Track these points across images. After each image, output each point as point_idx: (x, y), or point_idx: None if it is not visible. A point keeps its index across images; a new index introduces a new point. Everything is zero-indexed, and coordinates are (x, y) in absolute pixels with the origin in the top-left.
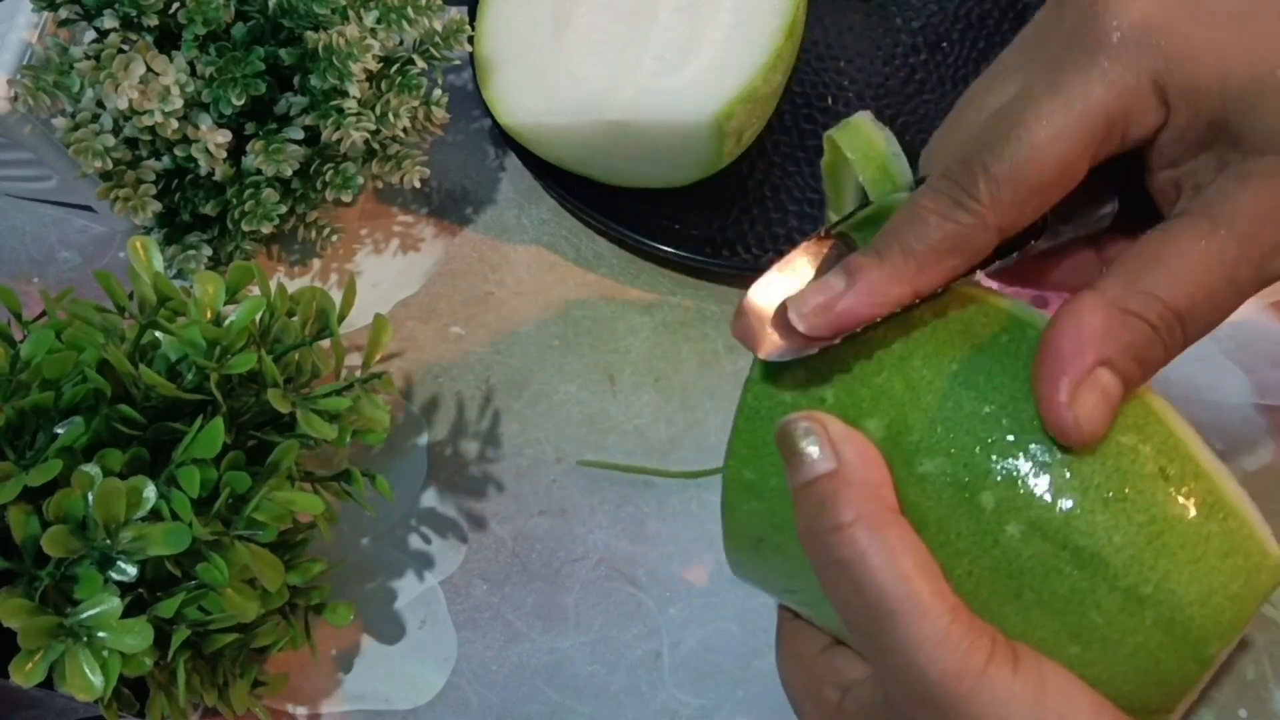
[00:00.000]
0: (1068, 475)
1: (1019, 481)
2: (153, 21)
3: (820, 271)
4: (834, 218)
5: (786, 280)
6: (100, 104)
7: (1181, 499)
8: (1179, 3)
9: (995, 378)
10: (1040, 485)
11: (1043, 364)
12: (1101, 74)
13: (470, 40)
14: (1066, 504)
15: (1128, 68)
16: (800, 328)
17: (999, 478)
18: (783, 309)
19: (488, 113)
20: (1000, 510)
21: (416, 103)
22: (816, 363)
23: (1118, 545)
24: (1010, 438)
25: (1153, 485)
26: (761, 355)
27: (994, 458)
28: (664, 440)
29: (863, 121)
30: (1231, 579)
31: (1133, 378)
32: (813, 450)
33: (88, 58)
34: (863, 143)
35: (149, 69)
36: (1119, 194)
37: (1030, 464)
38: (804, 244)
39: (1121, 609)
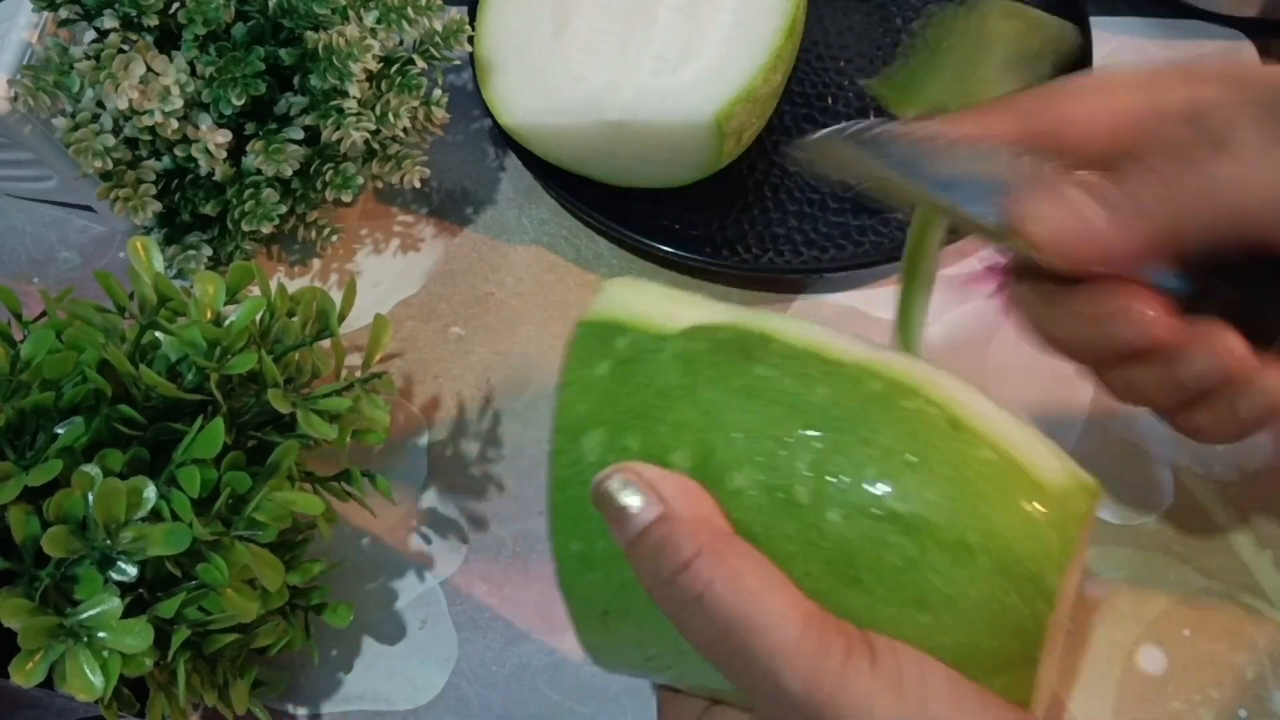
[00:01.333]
0: (868, 449)
1: (825, 468)
2: (153, 21)
3: None
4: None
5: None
6: (100, 104)
7: (977, 445)
8: None
9: (776, 381)
10: (845, 465)
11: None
12: None
13: (470, 40)
14: (874, 475)
15: None
16: (1039, 248)
17: (806, 471)
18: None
19: (488, 113)
20: (816, 502)
21: (416, 103)
22: (612, 417)
23: (933, 502)
24: (804, 431)
25: (947, 439)
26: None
27: (796, 453)
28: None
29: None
30: (1048, 508)
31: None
32: (635, 500)
33: (88, 58)
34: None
35: (149, 69)
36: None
37: (829, 449)
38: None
39: (955, 563)
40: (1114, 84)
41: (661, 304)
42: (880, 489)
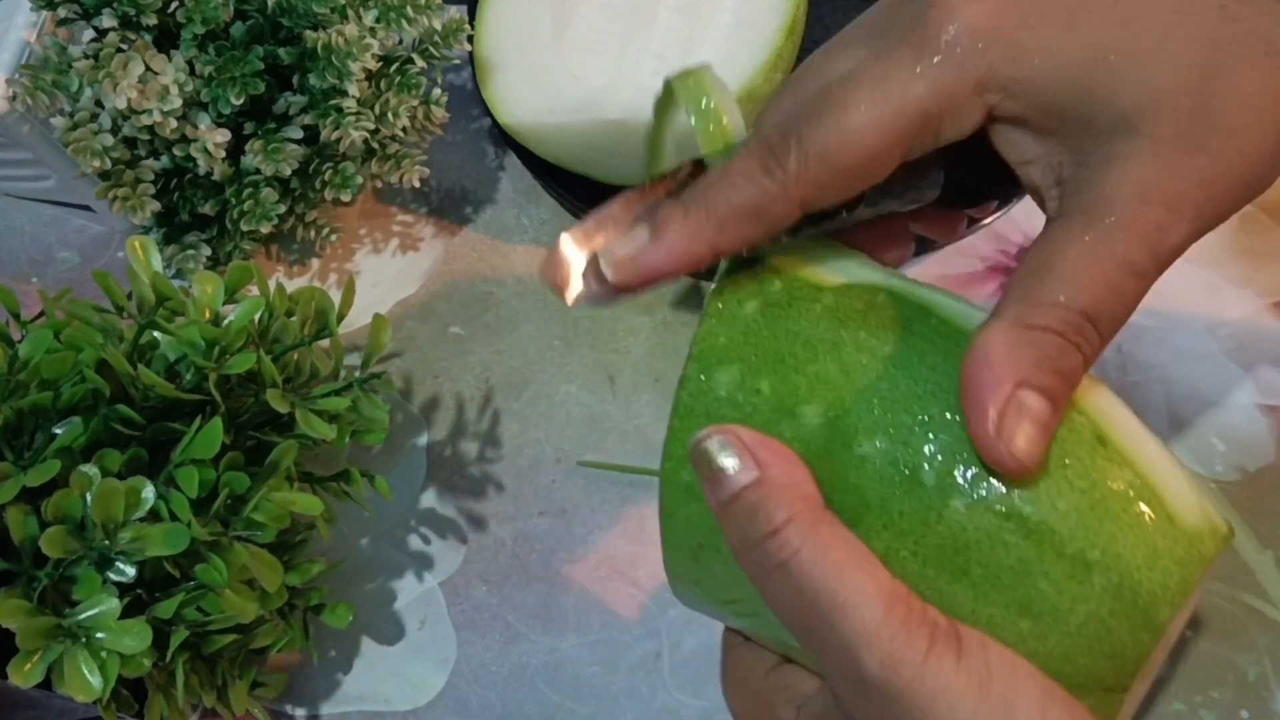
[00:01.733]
0: None
1: (958, 455)
2: (151, 21)
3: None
4: (656, 168)
5: (601, 230)
6: (99, 103)
7: (1119, 464)
8: (1011, 7)
9: (928, 357)
10: (979, 457)
11: (966, 402)
12: (924, 71)
13: (470, 39)
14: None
15: (951, 69)
16: (610, 278)
17: (938, 454)
18: (594, 258)
19: (487, 112)
20: (942, 486)
21: (416, 102)
22: (751, 356)
23: (1062, 512)
24: (947, 414)
25: (1091, 452)
26: (570, 302)
27: (931, 435)
28: (664, 440)
29: (705, 73)
30: (1176, 543)
31: (1058, 391)
32: (732, 461)
33: (86, 57)
34: (702, 95)
35: (148, 68)
36: (943, 173)
37: (968, 438)
38: (623, 195)
39: (1070, 576)
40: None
41: (821, 253)
42: (1010, 488)
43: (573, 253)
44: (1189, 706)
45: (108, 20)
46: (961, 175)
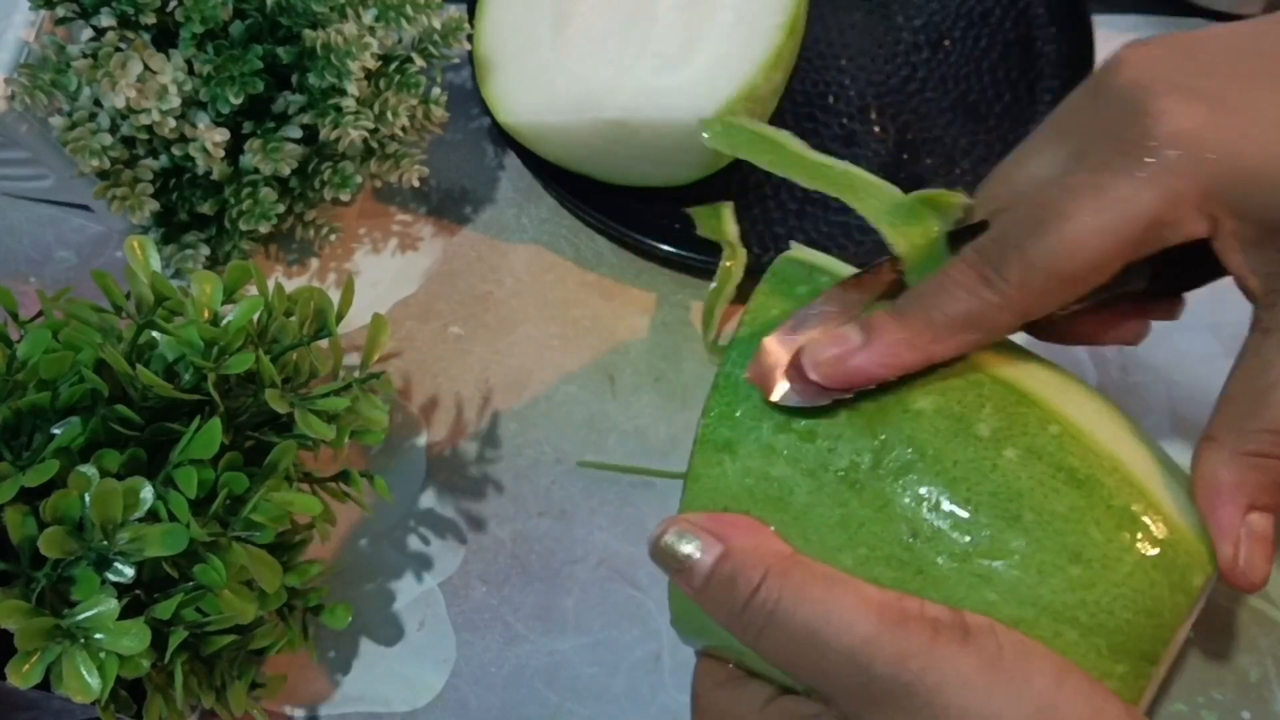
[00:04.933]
0: (1058, 424)
1: (1013, 415)
2: (150, 20)
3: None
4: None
5: (803, 328)
6: (97, 102)
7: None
8: (1226, 108)
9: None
10: (1032, 420)
11: (1209, 523)
12: (1146, 180)
13: (469, 38)
14: (1056, 430)
15: (1174, 177)
16: (813, 377)
17: (992, 412)
18: (798, 355)
19: (487, 111)
20: (997, 438)
21: (415, 101)
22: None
23: (1108, 468)
24: (1000, 372)
25: (1127, 429)
26: (773, 399)
27: (987, 398)
28: (664, 440)
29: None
30: (1203, 544)
31: (1278, 504)
32: (693, 547)
33: (85, 56)
34: (898, 198)
35: (146, 67)
36: (1150, 265)
37: (1018, 402)
38: (823, 294)
39: (1119, 525)
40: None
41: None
42: (1061, 442)
43: (776, 352)
44: (1190, 707)
45: (106, 19)
46: (1170, 265)
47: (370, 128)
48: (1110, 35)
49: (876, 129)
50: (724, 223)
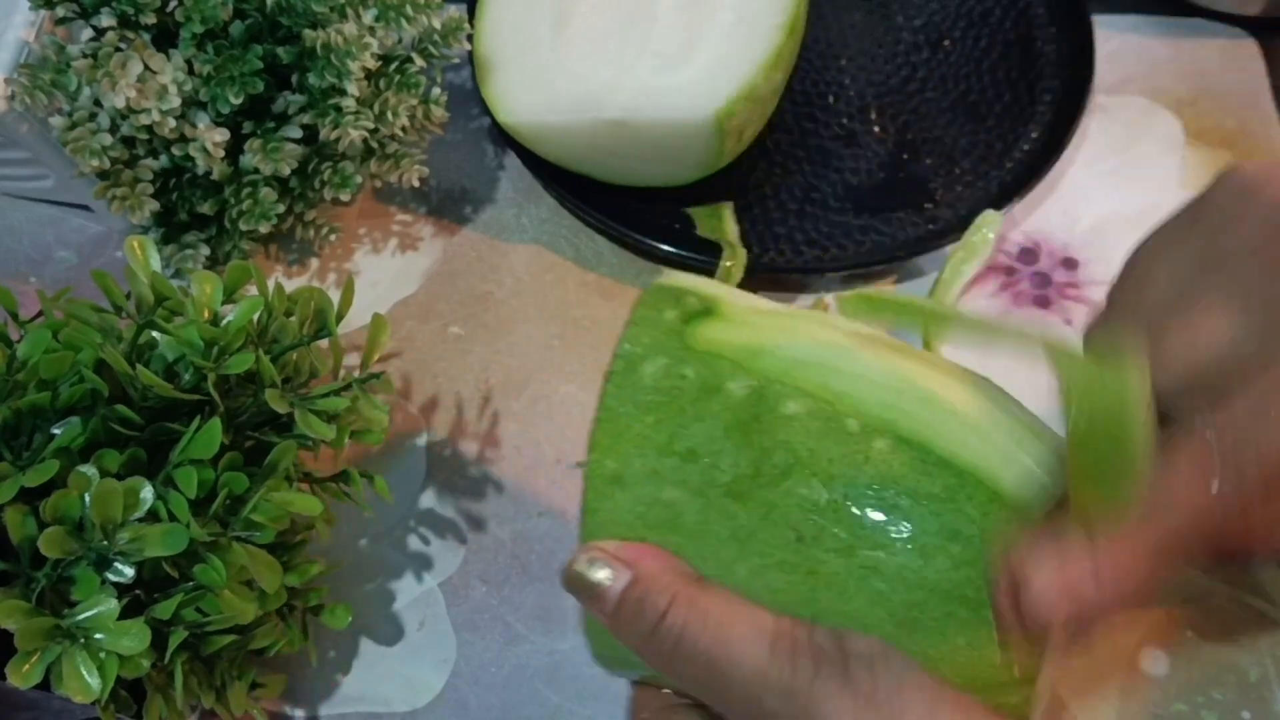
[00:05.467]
0: (928, 413)
1: (880, 411)
2: (150, 20)
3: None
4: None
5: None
6: (97, 102)
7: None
8: None
9: (853, 357)
10: (900, 413)
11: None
12: None
13: (469, 38)
14: (927, 421)
15: None
16: (1045, 617)
17: (859, 409)
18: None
19: (486, 111)
20: (865, 432)
21: (415, 101)
22: (675, 351)
23: (977, 454)
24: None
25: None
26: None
27: (856, 402)
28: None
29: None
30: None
31: None
32: (605, 574)
33: (85, 56)
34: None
35: (146, 67)
36: None
37: (890, 396)
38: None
39: (987, 507)
40: None
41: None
42: (930, 433)
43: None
44: (1190, 707)
45: (106, 19)
46: None
47: (370, 128)
48: (1110, 35)
49: (876, 129)
50: (724, 223)
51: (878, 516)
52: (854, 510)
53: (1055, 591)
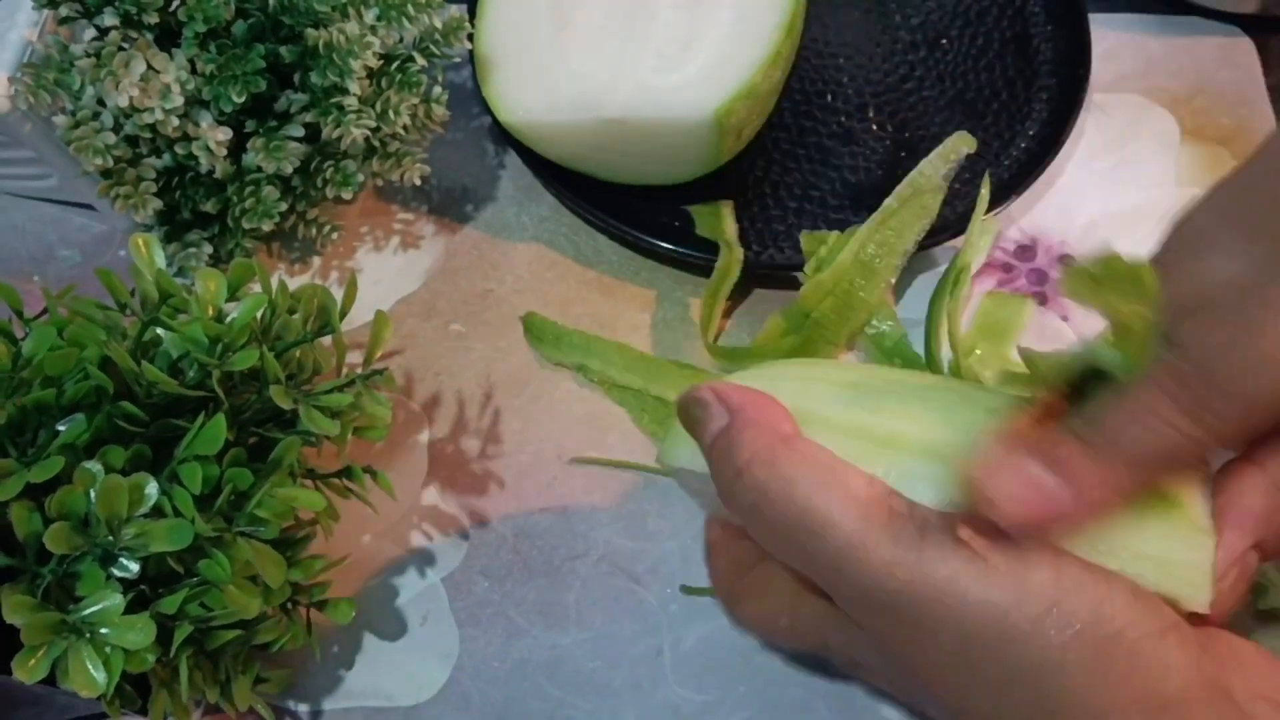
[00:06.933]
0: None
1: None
2: (153, 19)
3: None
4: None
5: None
6: (101, 102)
7: None
8: None
9: None
10: None
11: (1220, 541)
12: None
13: (470, 37)
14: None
15: None
16: (1005, 522)
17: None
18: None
19: (487, 110)
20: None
21: (417, 100)
22: None
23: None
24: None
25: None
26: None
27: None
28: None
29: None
30: None
31: (1277, 553)
32: (705, 411)
33: (88, 55)
34: (1124, 291)
35: (149, 67)
36: None
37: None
38: (1004, 432)
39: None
40: None
41: None
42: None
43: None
44: None
45: (109, 19)
46: None
47: (372, 126)
48: (1106, 33)
49: (874, 127)
50: (723, 221)
51: None
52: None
53: (1022, 508)
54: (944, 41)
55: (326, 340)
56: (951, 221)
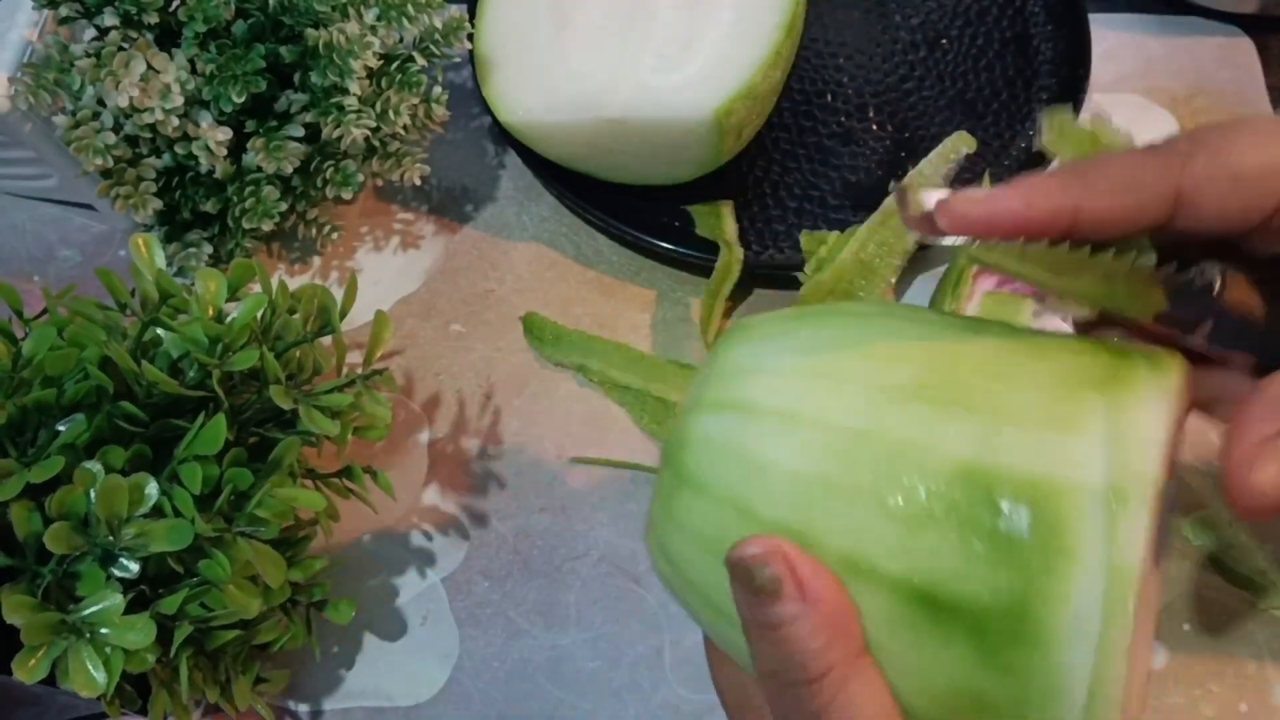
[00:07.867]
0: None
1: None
2: (153, 19)
3: None
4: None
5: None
6: (101, 102)
7: None
8: None
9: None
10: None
11: (1232, 428)
12: None
13: (470, 38)
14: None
15: None
16: (942, 222)
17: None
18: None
19: (487, 110)
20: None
21: (417, 100)
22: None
23: None
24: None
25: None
26: (908, 224)
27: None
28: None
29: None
30: None
31: None
32: (776, 589)
33: (88, 56)
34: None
35: (149, 67)
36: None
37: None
38: None
39: None
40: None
41: None
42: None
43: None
44: (1188, 700)
45: (109, 19)
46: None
47: (372, 126)
48: (1106, 33)
49: (874, 127)
50: (723, 221)
51: None
52: None
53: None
54: (944, 41)
55: (326, 340)
56: None
